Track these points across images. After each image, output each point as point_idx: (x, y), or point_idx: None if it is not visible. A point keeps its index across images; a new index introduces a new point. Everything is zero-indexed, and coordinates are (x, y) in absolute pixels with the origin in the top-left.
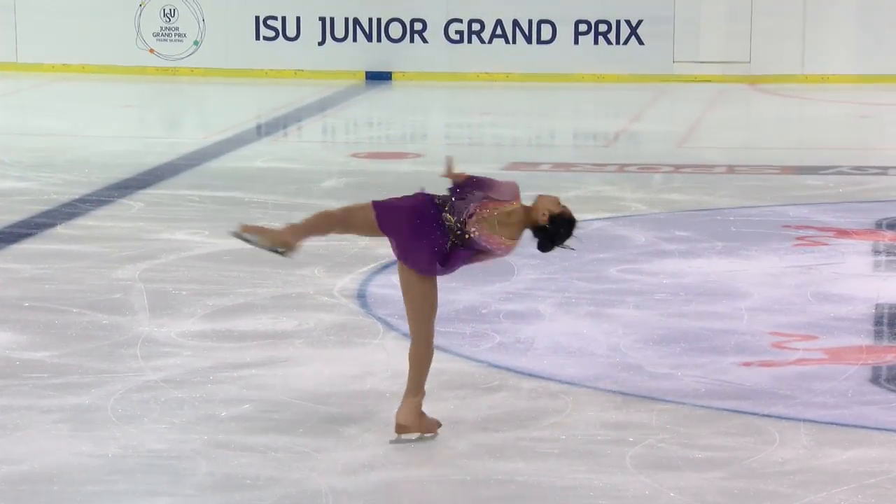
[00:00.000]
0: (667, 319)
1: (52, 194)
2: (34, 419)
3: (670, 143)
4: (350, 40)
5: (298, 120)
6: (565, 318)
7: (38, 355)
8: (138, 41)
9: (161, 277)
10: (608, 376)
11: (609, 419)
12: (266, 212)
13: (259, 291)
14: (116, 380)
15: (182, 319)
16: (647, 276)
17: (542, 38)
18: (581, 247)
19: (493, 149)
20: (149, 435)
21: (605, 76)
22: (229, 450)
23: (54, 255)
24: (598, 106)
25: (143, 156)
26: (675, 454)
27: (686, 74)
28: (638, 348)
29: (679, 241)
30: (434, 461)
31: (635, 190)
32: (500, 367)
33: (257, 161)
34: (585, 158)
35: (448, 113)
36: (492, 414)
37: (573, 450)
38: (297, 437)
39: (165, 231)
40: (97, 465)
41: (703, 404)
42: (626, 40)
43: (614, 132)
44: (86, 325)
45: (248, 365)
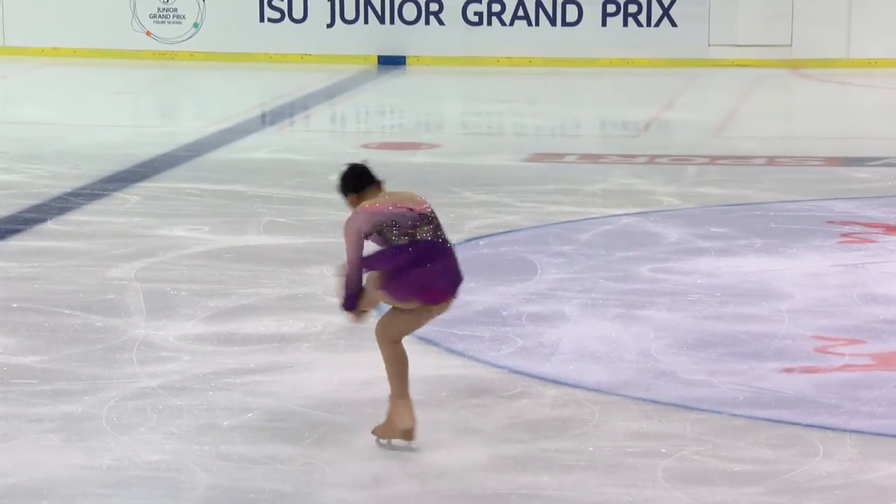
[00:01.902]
0: (701, 322)
1: (41, 187)
2: (22, 428)
3: (705, 133)
4: (361, 22)
5: (305, 108)
6: (592, 321)
7: (27, 360)
8: (134, 23)
9: (158, 277)
10: (638, 383)
11: (639, 429)
12: (270, 206)
13: (263, 292)
14: (111, 386)
15: (181, 322)
16: (680, 276)
17: (567, 20)
18: (609, 245)
19: (513, 139)
20: (145, 446)
21: (635, 61)
22: (232, 462)
23: (44, 253)
24: (627, 93)
25: (139, 146)
26: (710, 467)
27: (722, 59)
28: (670, 353)
29: (714, 239)
30: (452, 474)
31: (667, 183)
32: (521, 373)
33: (261, 152)
34: (613, 149)
35: (465, 100)
36: (513, 423)
37: (601, 462)
38: (304, 447)
39: (163, 227)
40: (90, 478)
41: (740, 413)
42: (658, 22)
43: (645, 121)
44: (78, 328)
45: (251, 371)
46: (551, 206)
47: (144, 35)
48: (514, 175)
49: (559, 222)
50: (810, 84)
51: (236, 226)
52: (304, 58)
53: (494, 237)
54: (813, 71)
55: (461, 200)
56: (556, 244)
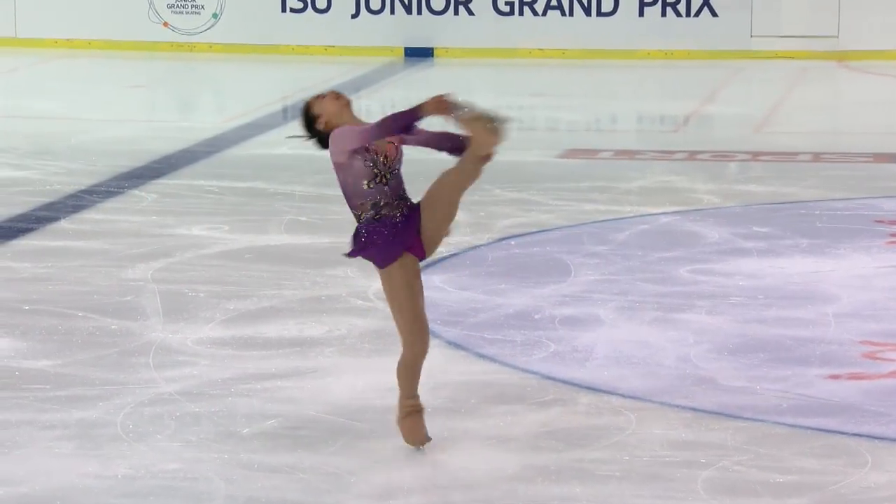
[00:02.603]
0: (743, 326)
1: (55, 185)
2: (35, 436)
3: (747, 128)
4: (387, 12)
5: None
6: (628, 325)
7: (40, 364)
8: (151, 13)
9: (176, 278)
10: (677, 390)
11: (678, 438)
12: (292, 205)
13: (285, 294)
14: (126, 392)
15: (199, 325)
16: (720, 278)
17: (602, 10)
18: (646, 245)
19: (546, 134)
20: (162, 454)
21: (674, 52)
22: (252, 470)
23: (57, 253)
24: (666, 86)
25: (156, 142)
26: (752, 478)
27: (766, 50)
28: (711, 359)
29: (757, 238)
30: (481, 484)
31: (707, 181)
32: (554, 379)
33: (283, 148)
34: (651, 145)
35: (496, 94)
36: (545, 432)
37: (637, 472)
38: (327, 456)
39: (180, 226)
40: (105, 488)
41: (784, 422)
42: (698, 12)
43: (684, 116)
44: (92, 331)
45: (272, 376)
46: (586, 205)
47: (162, 26)
48: (546, 172)
49: (594, 221)
50: (858, 77)
51: (257, 225)
52: (328, 50)
53: (526, 237)
54: (860, 63)
55: (491, 198)
56: (591, 244)
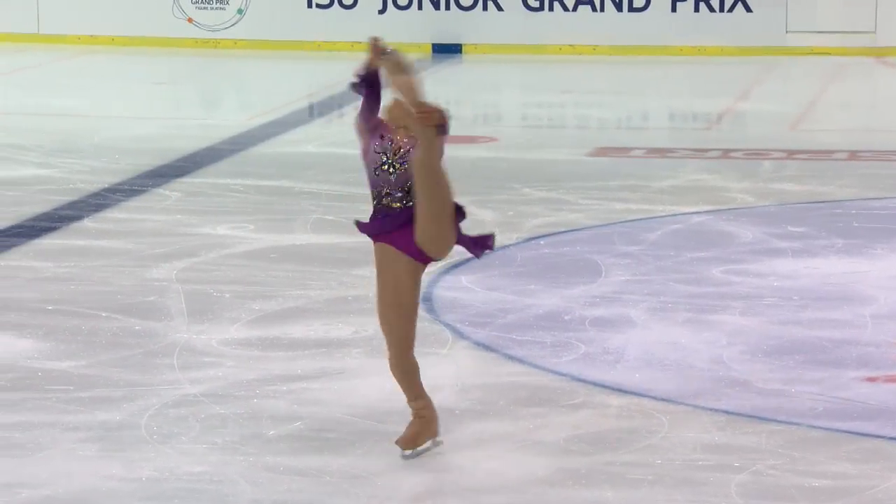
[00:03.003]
0: (778, 328)
1: (78, 183)
2: (58, 438)
3: (782, 126)
4: (415, 8)
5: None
6: (660, 326)
7: (63, 365)
8: (175, 9)
9: (200, 278)
10: (710, 392)
11: (711, 442)
12: (318, 203)
13: (311, 294)
14: (150, 394)
15: (224, 325)
16: (754, 278)
17: (634, 6)
18: (679, 245)
19: (576, 132)
20: (187, 456)
21: (707, 49)
22: (278, 473)
23: (80, 252)
24: (699, 83)
25: (180, 140)
26: (787, 482)
27: (801, 46)
28: (744, 361)
29: (792, 238)
30: (510, 488)
31: (741, 179)
32: (585, 381)
33: (308, 146)
34: (684, 143)
35: (525, 91)
36: (576, 435)
37: (669, 476)
38: (354, 459)
39: (205, 225)
40: (129, 490)
41: (820, 425)
42: (732, 7)
43: (717, 113)
44: (116, 332)
45: (298, 377)
46: (617, 204)
47: (186, 22)
48: (576, 170)
49: (625, 221)
50: (895, 73)
51: (282, 224)
52: (355, 46)
53: (556, 236)
54: None
55: (520, 197)
56: (622, 244)
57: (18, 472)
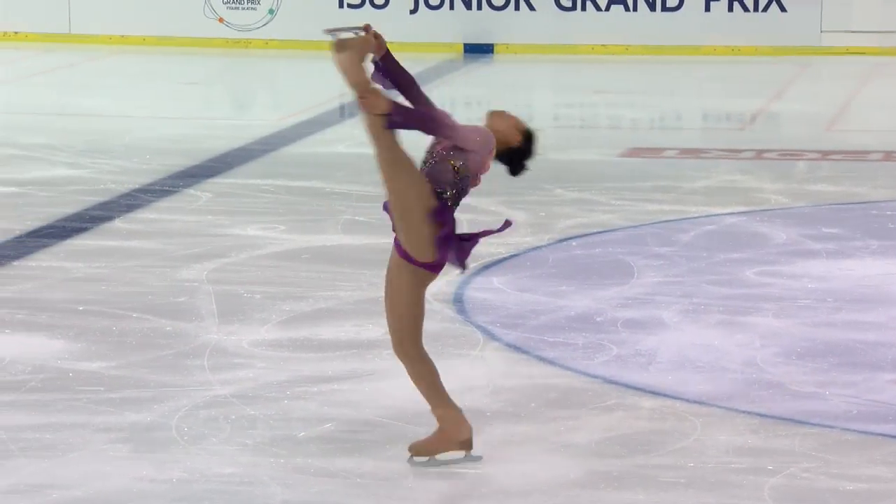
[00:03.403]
0: (812, 330)
1: (109, 183)
2: (89, 438)
3: (817, 126)
4: (446, 8)
5: None
6: (693, 328)
7: (94, 366)
8: (206, 9)
9: (231, 278)
10: (743, 395)
11: (744, 444)
12: (349, 204)
13: (342, 295)
14: (181, 395)
15: (255, 326)
16: (788, 280)
17: (667, 6)
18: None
19: (609, 132)
20: (217, 457)
21: (741, 48)
22: (308, 475)
23: (111, 253)
24: (732, 83)
25: (211, 140)
26: (821, 485)
27: (836, 46)
28: (778, 363)
29: (826, 240)
30: (541, 490)
31: (775, 180)
32: (617, 383)
33: (340, 146)
34: (717, 143)
35: (557, 91)
36: (608, 437)
37: (702, 479)
38: (385, 461)
39: (236, 226)
40: (159, 492)
41: (854, 428)
42: (766, 7)
43: (751, 113)
44: (146, 333)
45: (329, 379)
46: (649, 205)
47: (217, 22)
48: (609, 171)
49: (658, 222)
50: None
51: (313, 225)
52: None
53: (588, 237)
54: None
55: (552, 198)
56: (655, 245)
57: (49, 474)
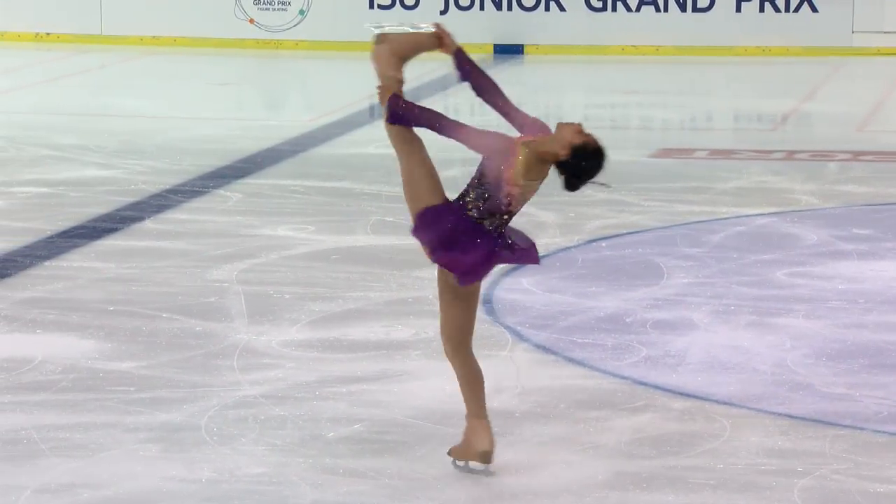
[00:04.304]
0: (843, 331)
1: (140, 184)
2: (119, 438)
3: (848, 127)
4: (476, 9)
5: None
6: (723, 329)
7: (124, 366)
8: (237, 10)
9: (261, 279)
10: (773, 396)
11: (774, 446)
12: (379, 205)
13: (371, 296)
14: (211, 395)
15: (284, 327)
16: (819, 281)
17: (698, 6)
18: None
19: (639, 133)
20: (247, 457)
21: (772, 49)
22: (337, 475)
23: (142, 253)
24: (763, 83)
25: (242, 141)
26: (852, 487)
27: (868, 47)
28: (808, 364)
29: (858, 241)
30: (572, 492)
31: (806, 181)
32: (646, 384)
33: (370, 147)
34: (748, 144)
35: (588, 92)
36: (637, 438)
37: (732, 481)
38: (414, 461)
39: (266, 226)
40: (189, 491)
41: (885, 430)
42: (798, 7)
43: (782, 114)
44: (177, 333)
45: (358, 379)
46: (679, 206)
47: (248, 23)
48: (639, 172)
49: (688, 223)
50: None
51: (343, 225)
52: None
53: (618, 238)
54: None
55: (582, 199)
56: (685, 246)
57: (79, 473)
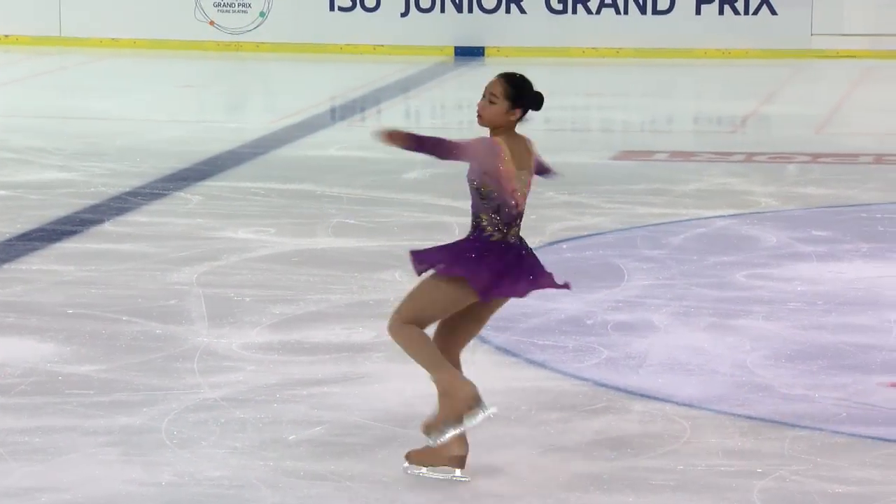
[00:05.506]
0: (802, 333)
1: (100, 186)
2: (79, 442)
3: (807, 129)
4: (437, 11)
5: (378, 102)
6: (683, 331)
7: (83, 369)
8: (197, 12)
9: (221, 281)
10: (733, 397)
11: (734, 447)
12: (340, 207)
13: (332, 298)
14: (171, 398)
15: (245, 329)
16: (779, 283)
17: (658, 8)
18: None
19: (600, 135)
20: (207, 461)
21: (732, 51)
22: (298, 478)
23: (101, 256)
24: (724, 86)
25: (202, 143)
26: (811, 488)
27: (827, 49)
28: (768, 366)
29: (817, 243)
30: (533, 494)
31: (766, 183)
32: (607, 385)
33: (331, 149)
34: (708, 146)
35: (549, 94)
36: (598, 440)
37: (692, 482)
38: (375, 464)
39: (226, 229)
40: (149, 495)
41: (844, 431)
42: (757, 10)
43: (742, 116)
44: (136, 336)
45: (319, 382)
46: (640, 208)
47: (208, 25)
48: (600, 174)
49: (648, 224)
50: None
51: (304, 228)
52: (377, 49)
53: (578, 240)
54: None
55: (543, 201)
56: (645, 248)
57: (39, 477)
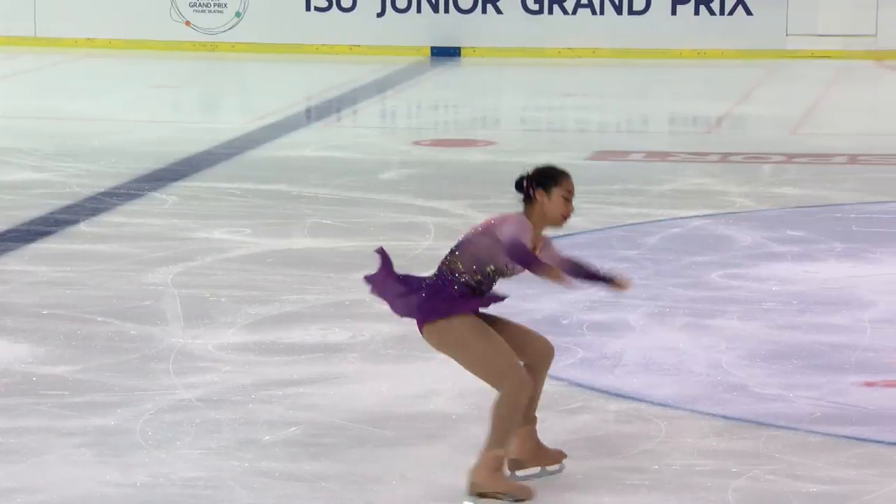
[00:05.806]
0: (777, 332)
1: (74, 187)
2: (53, 443)
3: (782, 130)
4: (413, 11)
5: (354, 102)
6: (659, 331)
7: (58, 370)
8: (172, 12)
9: (197, 282)
10: (708, 397)
11: (709, 447)
12: (316, 207)
13: (308, 298)
14: (146, 398)
15: (220, 330)
16: (753, 283)
17: (634, 9)
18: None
19: (576, 135)
20: (182, 461)
21: (708, 52)
22: (274, 479)
23: (76, 257)
24: (699, 86)
25: (178, 143)
26: (785, 487)
27: (802, 50)
28: (743, 365)
29: (791, 243)
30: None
31: (741, 183)
32: (583, 385)
33: (307, 149)
34: (683, 147)
35: (524, 94)
36: (573, 439)
37: (668, 482)
38: (350, 465)
39: (202, 229)
40: (124, 496)
41: (818, 430)
42: (732, 10)
43: (717, 116)
44: (112, 337)
45: (295, 382)
46: (616, 208)
47: (184, 25)
48: (575, 174)
49: (624, 225)
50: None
51: (279, 228)
52: (353, 49)
53: (554, 240)
54: None
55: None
56: (621, 248)
57: (14, 478)
